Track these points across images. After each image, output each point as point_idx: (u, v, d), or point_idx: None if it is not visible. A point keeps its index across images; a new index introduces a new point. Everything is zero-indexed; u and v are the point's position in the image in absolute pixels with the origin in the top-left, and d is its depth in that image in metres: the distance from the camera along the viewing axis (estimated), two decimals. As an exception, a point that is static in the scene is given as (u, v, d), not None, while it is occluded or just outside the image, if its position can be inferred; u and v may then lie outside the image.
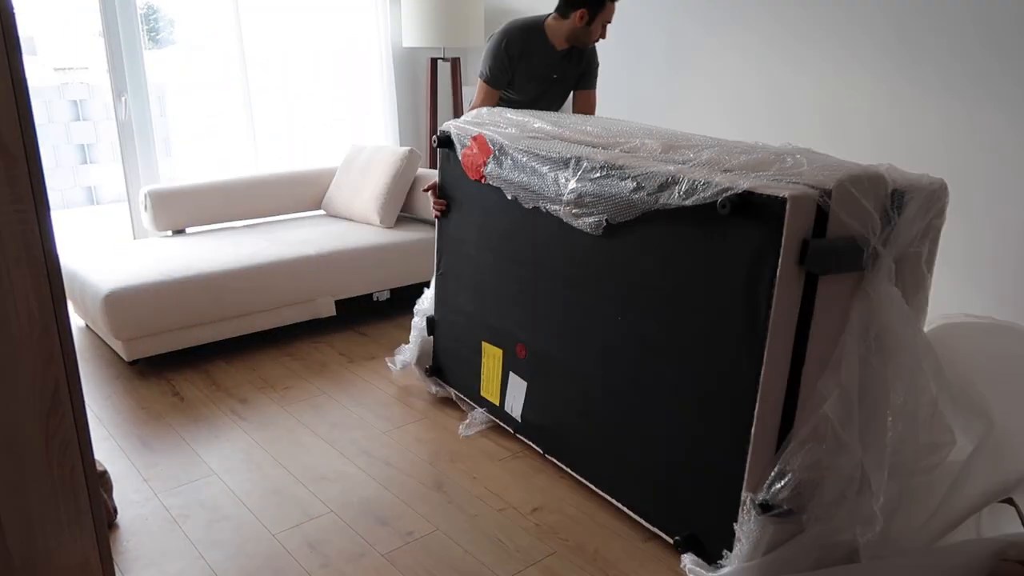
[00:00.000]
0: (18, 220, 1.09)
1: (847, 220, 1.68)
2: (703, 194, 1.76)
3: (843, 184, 1.66)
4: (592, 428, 2.22)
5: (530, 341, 2.42)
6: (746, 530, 1.76)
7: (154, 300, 3.02)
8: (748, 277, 1.73)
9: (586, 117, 2.55)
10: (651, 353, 2.00)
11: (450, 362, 2.84)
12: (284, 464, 2.47)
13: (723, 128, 3.45)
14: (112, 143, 6.28)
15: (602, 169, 2.03)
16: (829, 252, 1.67)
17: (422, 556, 2.03)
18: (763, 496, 1.75)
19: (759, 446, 1.76)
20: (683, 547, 1.93)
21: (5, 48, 1.04)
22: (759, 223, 1.69)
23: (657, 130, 2.21)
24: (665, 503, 2.01)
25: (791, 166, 1.75)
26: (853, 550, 1.78)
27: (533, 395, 2.44)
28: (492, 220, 2.53)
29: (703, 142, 2.00)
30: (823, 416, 1.73)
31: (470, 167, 2.56)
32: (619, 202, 1.98)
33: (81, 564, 1.24)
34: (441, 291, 2.84)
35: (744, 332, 1.75)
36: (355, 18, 4.43)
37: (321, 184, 4.13)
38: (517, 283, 2.44)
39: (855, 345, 1.75)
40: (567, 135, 2.29)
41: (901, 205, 1.77)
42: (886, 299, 1.74)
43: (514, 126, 2.48)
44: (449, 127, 2.68)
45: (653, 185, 1.89)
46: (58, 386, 1.16)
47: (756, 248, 1.70)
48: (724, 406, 1.82)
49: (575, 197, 2.11)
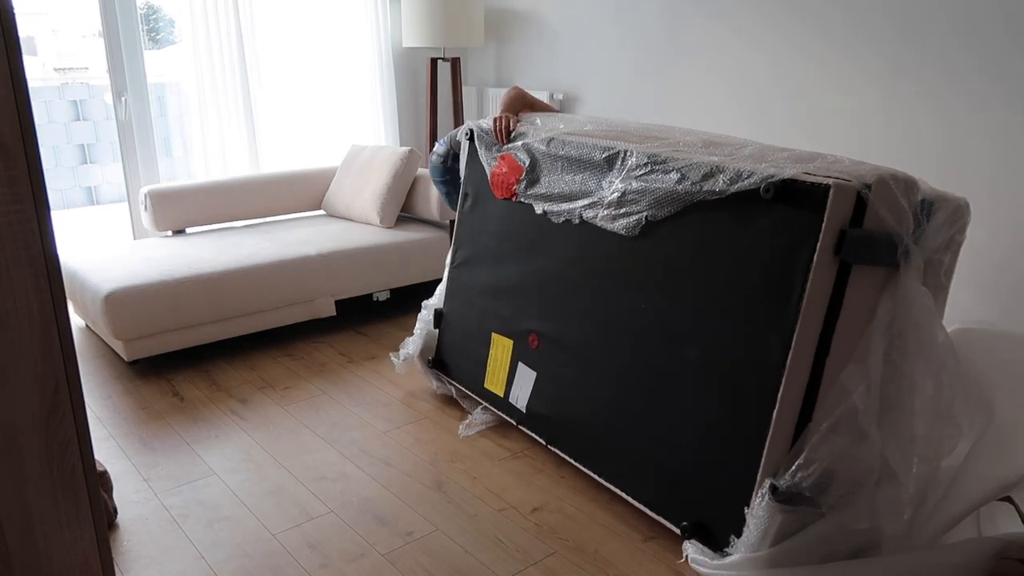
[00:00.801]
0: (18, 220, 1.09)
1: (884, 215, 1.74)
2: (748, 180, 1.84)
3: (884, 179, 1.73)
4: (600, 417, 2.23)
5: (546, 331, 2.44)
6: (756, 516, 1.77)
7: (154, 300, 3.02)
8: (784, 263, 1.78)
9: (616, 119, 2.60)
10: (675, 340, 2.03)
11: (453, 354, 2.84)
12: (284, 464, 2.47)
13: (732, 121, 3.45)
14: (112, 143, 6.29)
15: (647, 165, 2.10)
16: (865, 242, 1.73)
17: (422, 556, 2.03)
18: (785, 482, 1.77)
19: (778, 432, 1.79)
20: (689, 533, 1.93)
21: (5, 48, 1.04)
22: (800, 210, 1.75)
23: (693, 131, 2.31)
24: (673, 491, 2.02)
25: (832, 161, 1.85)
26: (866, 541, 1.79)
27: (541, 385, 2.45)
28: (516, 227, 2.58)
29: (742, 142, 2.10)
30: (851, 407, 1.76)
31: (500, 186, 2.61)
32: (663, 196, 2.05)
33: (81, 564, 1.24)
34: (454, 283, 2.86)
35: (776, 317, 1.79)
36: (355, 18, 4.43)
37: (321, 184, 4.14)
38: (538, 276, 2.48)
39: (880, 339, 1.79)
40: (603, 134, 2.36)
41: (930, 213, 1.84)
42: (914, 296, 1.78)
43: (546, 131, 2.53)
44: (471, 124, 2.79)
45: (698, 175, 1.96)
46: (58, 386, 1.16)
47: (795, 234, 1.76)
48: (747, 391, 1.85)
49: (618, 197, 2.16)
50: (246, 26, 4.07)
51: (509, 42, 4.45)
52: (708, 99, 3.50)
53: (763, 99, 3.29)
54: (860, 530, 1.78)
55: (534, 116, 2.69)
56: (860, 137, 3.01)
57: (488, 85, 4.65)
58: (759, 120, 3.32)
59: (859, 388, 1.76)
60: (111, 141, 6.27)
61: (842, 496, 1.78)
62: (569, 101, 4.16)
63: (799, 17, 3.11)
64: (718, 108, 3.46)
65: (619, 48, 3.82)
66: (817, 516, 1.79)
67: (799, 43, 3.13)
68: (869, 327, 1.80)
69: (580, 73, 4.06)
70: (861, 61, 2.95)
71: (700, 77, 3.51)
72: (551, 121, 2.60)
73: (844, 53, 3.00)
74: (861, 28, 2.93)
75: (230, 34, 4.02)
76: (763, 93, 3.29)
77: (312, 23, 4.33)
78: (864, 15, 2.91)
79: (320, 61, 4.39)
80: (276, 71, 4.26)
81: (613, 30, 3.84)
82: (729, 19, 3.35)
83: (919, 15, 2.76)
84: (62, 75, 6.55)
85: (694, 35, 3.50)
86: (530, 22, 4.28)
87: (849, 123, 3.03)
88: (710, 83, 3.48)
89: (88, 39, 6.65)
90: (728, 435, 1.89)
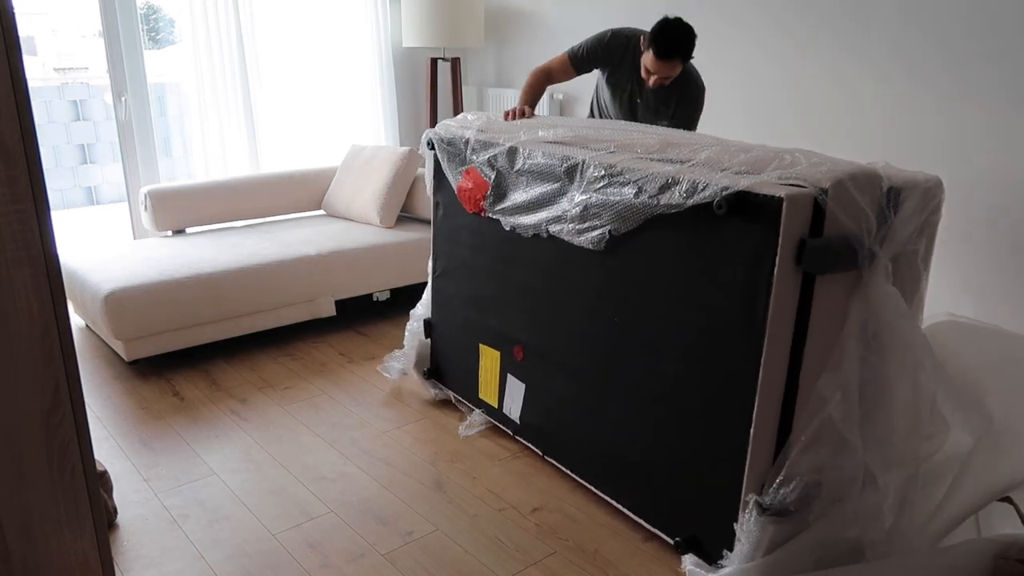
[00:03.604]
0: (18, 220, 1.09)
1: (844, 219, 1.68)
2: (703, 194, 1.77)
3: (840, 182, 1.66)
4: (592, 430, 2.21)
5: (528, 343, 2.41)
6: (746, 530, 1.76)
7: (154, 300, 3.02)
8: (746, 277, 1.72)
9: (579, 121, 2.55)
10: (651, 355, 2.00)
11: (448, 364, 2.83)
12: (284, 464, 2.47)
13: (734, 120, 3.44)
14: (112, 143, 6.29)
15: (605, 177, 2.03)
16: (826, 251, 1.67)
17: (422, 556, 2.03)
18: (769, 499, 1.74)
19: (758, 448, 1.76)
20: (684, 548, 1.92)
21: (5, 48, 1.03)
22: (756, 223, 1.68)
23: (653, 129, 2.22)
24: (665, 505, 2.01)
25: (789, 164, 1.76)
26: (855, 548, 1.79)
27: (532, 397, 2.44)
28: (488, 241, 2.52)
29: (701, 142, 2.01)
30: (827, 418, 1.72)
31: (468, 200, 2.53)
32: (623, 210, 1.98)
33: (81, 564, 1.24)
34: (438, 293, 2.83)
35: (742, 333, 1.75)
36: (355, 18, 4.43)
37: (321, 184, 4.13)
38: (516, 288, 2.44)
39: (854, 344, 1.75)
40: (564, 138, 2.30)
41: (897, 203, 1.77)
42: (884, 298, 1.74)
43: (504, 131, 2.47)
44: (431, 134, 2.69)
45: (654, 187, 1.89)
46: (58, 386, 1.16)
47: (754, 248, 1.70)
48: (723, 407, 1.82)
49: (580, 211, 2.10)
50: (246, 26, 4.07)
51: (509, 42, 4.44)
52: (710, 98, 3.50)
53: (766, 96, 3.29)
54: (847, 538, 1.77)
55: (486, 113, 2.62)
56: (859, 130, 3.01)
57: (488, 85, 4.65)
58: (762, 117, 3.32)
59: (835, 397, 1.72)
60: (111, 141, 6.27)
61: (829, 505, 1.75)
62: (569, 101, 4.16)
63: (803, 15, 3.11)
64: (718, 108, 3.45)
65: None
66: (807, 525, 1.78)
67: (803, 41, 3.13)
68: (842, 333, 1.76)
69: (580, 73, 4.05)
70: (864, 55, 2.95)
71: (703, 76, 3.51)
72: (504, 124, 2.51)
73: (847, 48, 3.00)
74: (865, 23, 2.93)
75: (230, 34, 4.02)
76: (766, 91, 3.28)
77: (312, 23, 4.33)
78: (868, 10, 2.91)
79: (320, 61, 4.39)
80: (276, 71, 4.26)
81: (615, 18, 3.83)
82: (731, 17, 3.35)
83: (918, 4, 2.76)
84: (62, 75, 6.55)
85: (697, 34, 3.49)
86: (530, 22, 4.28)
87: (849, 117, 3.03)
88: (710, 83, 3.47)
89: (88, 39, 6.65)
90: (711, 451, 1.86)
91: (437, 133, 2.68)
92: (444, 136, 2.64)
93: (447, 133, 2.63)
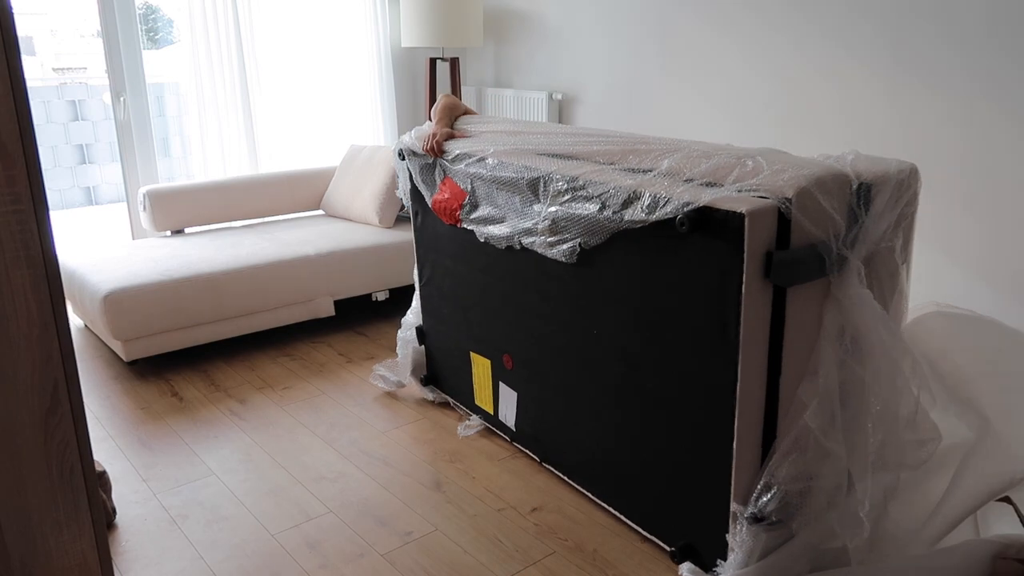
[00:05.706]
0: (17, 220, 1.09)
1: (810, 227, 1.64)
2: (665, 209, 1.73)
3: (805, 191, 1.60)
4: (584, 439, 2.21)
5: (516, 353, 2.41)
6: (738, 540, 1.75)
7: (153, 300, 3.02)
8: (716, 292, 1.70)
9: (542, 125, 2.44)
10: (631, 368, 1.98)
11: (443, 371, 2.83)
12: (283, 464, 2.47)
13: (733, 119, 3.45)
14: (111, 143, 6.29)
15: (569, 191, 2.00)
16: (794, 263, 1.63)
17: (421, 556, 2.03)
18: (751, 509, 1.74)
19: (742, 458, 1.75)
20: (680, 557, 1.92)
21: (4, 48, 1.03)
22: (721, 238, 1.65)
23: (616, 135, 2.14)
24: (661, 513, 2.01)
25: (751, 171, 1.70)
26: (845, 552, 1.78)
27: (524, 405, 2.43)
28: (468, 251, 2.51)
29: (665, 146, 1.94)
30: (804, 425, 1.71)
31: (443, 212, 2.50)
32: (590, 224, 1.95)
33: (80, 564, 1.24)
34: (426, 301, 2.82)
35: (716, 347, 1.73)
36: (354, 18, 4.43)
37: (320, 184, 4.13)
38: (498, 298, 2.42)
39: (831, 350, 1.72)
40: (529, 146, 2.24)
41: (868, 200, 1.71)
42: (857, 301, 1.70)
43: (468, 143, 2.42)
44: (401, 145, 2.66)
45: (617, 203, 1.85)
46: (57, 386, 1.16)
47: (720, 263, 1.67)
48: (705, 420, 1.80)
49: (549, 224, 2.08)
50: (245, 26, 4.07)
51: (508, 42, 4.45)
52: (709, 98, 3.50)
53: (763, 97, 3.29)
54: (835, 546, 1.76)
55: (470, 122, 2.53)
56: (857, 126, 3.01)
57: (487, 85, 4.65)
58: (760, 118, 3.33)
59: (812, 404, 1.69)
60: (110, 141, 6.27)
61: (815, 513, 1.74)
62: (568, 102, 4.16)
63: (798, 16, 3.12)
64: (720, 106, 3.46)
65: (618, 48, 3.82)
66: (793, 533, 1.77)
67: (798, 41, 3.13)
68: (819, 339, 1.73)
69: (579, 73, 4.06)
70: (857, 52, 2.96)
71: (701, 76, 3.51)
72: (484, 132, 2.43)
73: (841, 46, 3.00)
74: (858, 20, 2.94)
75: (229, 34, 4.02)
76: (763, 91, 3.29)
77: (311, 23, 4.33)
78: (860, 8, 2.92)
79: (319, 61, 4.39)
80: (275, 71, 4.26)
81: (612, 30, 3.84)
82: (729, 18, 3.35)
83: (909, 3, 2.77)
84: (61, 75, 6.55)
85: (694, 34, 3.50)
86: (530, 22, 4.28)
87: (847, 114, 3.04)
88: (711, 82, 3.48)
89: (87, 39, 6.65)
90: (698, 461, 1.85)
91: (405, 143, 2.64)
92: (411, 147, 2.60)
93: (410, 141, 2.60)
